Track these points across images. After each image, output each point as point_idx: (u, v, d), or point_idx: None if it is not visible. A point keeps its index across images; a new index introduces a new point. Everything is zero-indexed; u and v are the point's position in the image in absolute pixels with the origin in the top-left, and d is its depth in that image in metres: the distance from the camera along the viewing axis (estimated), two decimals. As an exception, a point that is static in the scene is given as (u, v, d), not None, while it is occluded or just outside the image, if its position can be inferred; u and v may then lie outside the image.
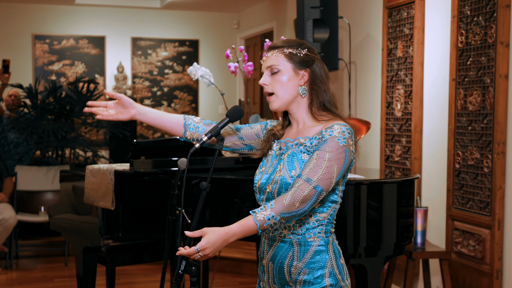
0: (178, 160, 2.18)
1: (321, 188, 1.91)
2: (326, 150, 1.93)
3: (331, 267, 2.02)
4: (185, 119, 2.19)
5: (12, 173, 5.89)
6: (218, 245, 1.88)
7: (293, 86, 2.05)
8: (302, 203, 1.90)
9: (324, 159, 1.93)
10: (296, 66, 2.05)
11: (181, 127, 2.19)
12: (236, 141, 2.22)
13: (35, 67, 8.70)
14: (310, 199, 1.91)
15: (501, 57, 3.69)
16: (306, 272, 2.02)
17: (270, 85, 2.06)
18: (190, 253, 1.87)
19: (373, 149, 5.11)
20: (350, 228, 3.12)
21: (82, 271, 3.63)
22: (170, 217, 3.00)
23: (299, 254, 2.03)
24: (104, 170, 3.35)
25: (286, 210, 1.89)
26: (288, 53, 2.05)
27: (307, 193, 1.90)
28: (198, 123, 2.19)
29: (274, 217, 1.89)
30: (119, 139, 7.76)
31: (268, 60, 2.07)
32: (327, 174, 1.92)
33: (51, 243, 6.33)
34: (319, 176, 1.91)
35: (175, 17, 9.20)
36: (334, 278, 2.02)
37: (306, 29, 4.68)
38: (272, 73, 2.06)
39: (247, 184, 3.26)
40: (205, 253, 1.87)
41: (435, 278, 4.29)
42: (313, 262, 2.02)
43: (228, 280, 5.37)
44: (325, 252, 2.02)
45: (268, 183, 2.07)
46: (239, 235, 1.90)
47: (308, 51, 2.07)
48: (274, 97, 2.06)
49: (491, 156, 3.78)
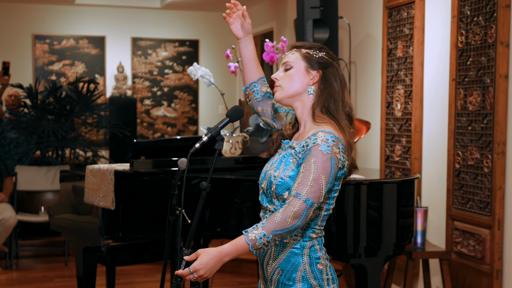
0: (178, 160, 2.19)
1: (312, 201, 1.90)
2: (311, 162, 1.92)
3: (303, 272, 2.01)
4: (257, 84, 2.26)
5: (12, 173, 5.90)
6: (212, 266, 1.89)
7: (301, 83, 2.07)
8: (294, 219, 1.89)
9: (310, 171, 1.92)
10: (309, 65, 2.07)
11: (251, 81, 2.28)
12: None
13: (35, 67, 8.70)
14: (301, 213, 1.89)
15: (501, 57, 3.69)
16: (279, 272, 2.03)
17: (281, 79, 2.10)
18: (184, 274, 1.90)
19: (373, 149, 5.11)
20: (350, 228, 3.12)
21: (82, 271, 3.63)
22: (170, 217, 3.00)
23: (275, 253, 2.05)
24: (104, 170, 3.35)
25: (278, 228, 1.88)
26: (305, 52, 2.08)
27: (298, 208, 1.89)
28: (261, 91, 2.27)
29: (266, 236, 1.88)
30: (119, 139, 7.77)
31: (285, 57, 2.12)
32: (316, 186, 1.90)
33: (51, 243, 6.33)
34: (308, 189, 1.90)
35: (175, 17, 9.20)
36: (307, 283, 2.01)
37: (306, 29, 4.68)
38: (285, 69, 2.10)
39: (247, 184, 3.26)
40: (199, 274, 1.88)
41: (435, 278, 4.29)
42: (286, 263, 2.03)
43: (228, 280, 5.37)
44: (299, 255, 2.02)
45: (263, 180, 2.11)
46: (232, 254, 1.90)
47: (326, 55, 2.09)
48: (279, 88, 2.10)
49: (491, 156, 3.78)
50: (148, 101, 9.19)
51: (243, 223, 3.27)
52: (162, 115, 9.29)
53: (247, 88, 2.28)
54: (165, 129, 9.31)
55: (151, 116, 9.24)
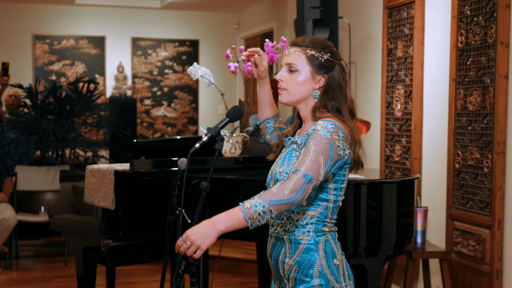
0: (178, 160, 2.19)
1: (310, 176, 1.89)
2: (311, 143, 1.94)
3: (320, 267, 2.02)
4: (271, 121, 2.35)
5: (12, 173, 5.90)
6: (204, 232, 1.85)
7: (307, 89, 2.08)
8: (292, 192, 1.87)
9: (310, 151, 1.93)
10: (314, 70, 2.07)
11: (265, 117, 2.37)
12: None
13: (35, 67, 8.70)
14: (300, 187, 1.88)
15: (501, 57, 3.69)
16: (296, 269, 2.04)
17: (286, 81, 2.09)
18: (179, 244, 1.87)
19: (373, 149, 5.11)
20: (350, 228, 3.12)
21: (82, 271, 3.63)
22: (170, 217, 3.00)
23: (290, 251, 2.06)
24: (104, 170, 3.35)
25: (274, 197, 1.86)
26: (310, 55, 2.06)
27: (296, 181, 1.88)
28: (273, 127, 2.36)
29: (261, 205, 1.85)
30: (119, 139, 7.77)
31: (289, 57, 2.09)
32: (315, 164, 1.91)
33: (51, 243, 6.33)
34: (307, 165, 1.90)
35: (175, 17, 9.21)
36: (324, 278, 2.02)
37: (306, 29, 4.68)
38: (290, 70, 2.09)
39: (247, 184, 3.27)
40: (191, 240, 1.84)
41: (435, 278, 4.29)
42: (302, 260, 2.03)
43: (228, 280, 5.37)
44: (314, 251, 2.03)
45: (270, 180, 2.14)
46: (225, 222, 1.85)
47: (331, 55, 2.08)
48: (285, 92, 2.10)
49: (491, 156, 3.78)
50: (148, 101, 9.19)
51: (243, 223, 3.26)
52: (162, 115, 9.29)
53: (261, 124, 2.37)
54: (165, 129, 9.31)
55: (151, 116, 9.24)
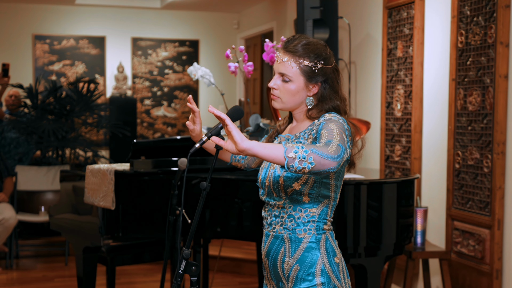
0: (178, 160, 2.19)
1: (345, 148, 1.84)
2: (331, 125, 1.92)
3: (322, 265, 2.02)
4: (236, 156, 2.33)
5: (12, 173, 5.90)
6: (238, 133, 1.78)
7: (300, 97, 2.08)
8: (335, 152, 1.80)
9: (333, 130, 1.90)
10: (308, 80, 2.05)
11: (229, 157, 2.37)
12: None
13: (35, 67, 8.70)
14: (339, 152, 1.81)
15: (501, 57, 3.69)
16: (297, 268, 2.04)
17: (279, 90, 2.09)
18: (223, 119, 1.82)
19: (373, 149, 5.11)
20: (350, 228, 3.12)
21: (82, 271, 3.63)
22: (170, 217, 3.01)
23: (290, 250, 2.05)
24: (104, 170, 3.35)
25: (318, 149, 1.77)
26: (304, 66, 2.04)
27: (336, 147, 1.82)
28: (242, 158, 2.35)
29: (304, 149, 1.75)
30: (119, 139, 7.77)
31: (282, 66, 2.06)
32: (343, 140, 1.87)
33: (51, 243, 6.33)
34: (338, 138, 1.86)
35: (175, 17, 9.21)
36: (326, 277, 2.02)
37: (306, 29, 4.68)
38: (283, 80, 2.07)
39: (247, 184, 3.27)
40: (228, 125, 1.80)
41: (435, 278, 4.29)
42: (304, 259, 2.03)
43: (228, 280, 5.37)
44: (316, 249, 2.03)
45: (266, 177, 2.12)
46: (262, 146, 1.77)
47: (325, 63, 2.06)
48: (279, 100, 2.10)
49: (491, 156, 3.78)
50: (148, 101, 9.19)
51: (243, 223, 3.27)
52: (162, 115, 9.29)
53: (231, 163, 2.37)
54: (165, 129, 9.31)
55: (151, 116, 9.24)
